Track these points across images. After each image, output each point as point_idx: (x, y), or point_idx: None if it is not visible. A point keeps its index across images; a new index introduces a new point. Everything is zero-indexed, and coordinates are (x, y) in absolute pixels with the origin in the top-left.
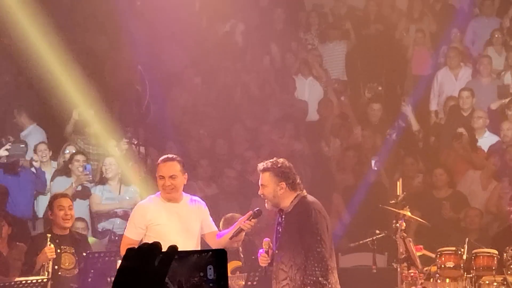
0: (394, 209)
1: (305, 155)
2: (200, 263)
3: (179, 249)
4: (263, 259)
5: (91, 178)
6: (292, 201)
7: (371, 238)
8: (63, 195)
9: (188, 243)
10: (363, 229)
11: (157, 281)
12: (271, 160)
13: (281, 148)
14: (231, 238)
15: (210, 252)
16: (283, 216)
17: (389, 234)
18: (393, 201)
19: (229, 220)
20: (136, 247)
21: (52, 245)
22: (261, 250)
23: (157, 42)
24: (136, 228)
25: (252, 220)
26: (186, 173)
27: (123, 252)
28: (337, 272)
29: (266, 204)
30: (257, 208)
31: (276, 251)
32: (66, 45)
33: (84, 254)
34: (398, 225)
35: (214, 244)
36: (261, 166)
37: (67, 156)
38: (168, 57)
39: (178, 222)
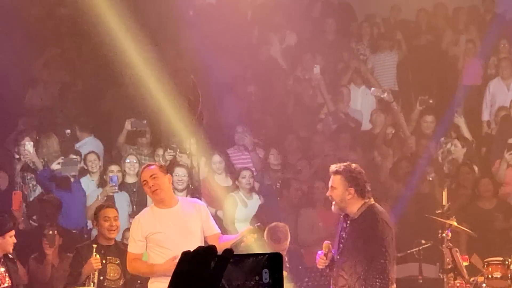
0: (441, 219)
1: (360, 165)
2: (255, 267)
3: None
4: (321, 261)
5: (117, 190)
6: (359, 208)
7: (417, 248)
8: (109, 206)
9: (191, 247)
10: (409, 239)
11: (213, 285)
12: (344, 163)
13: (335, 158)
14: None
15: (266, 256)
16: (348, 222)
17: (436, 244)
18: (439, 211)
19: (272, 230)
20: (191, 250)
21: (97, 256)
22: (320, 252)
23: (210, 51)
24: (136, 242)
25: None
26: (169, 174)
27: (129, 268)
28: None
29: (332, 207)
30: (258, 223)
31: (338, 257)
32: (117, 56)
33: None
34: (444, 235)
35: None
36: (333, 168)
37: (127, 165)
38: (220, 66)
39: (175, 227)
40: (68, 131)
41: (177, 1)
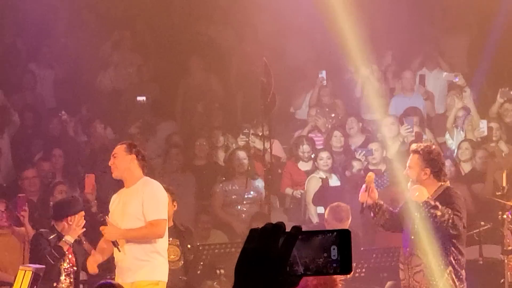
0: (501, 200)
1: None
2: (324, 244)
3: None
4: (363, 195)
5: None
6: (436, 190)
7: (477, 230)
8: (166, 189)
9: (125, 227)
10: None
11: (281, 262)
12: (425, 143)
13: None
14: None
15: (335, 233)
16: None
17: (496, 226)
18: (499, 193)
19: (334, 209)
20: (259, 227)
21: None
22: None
23: (282, 35)
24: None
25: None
26: (133, 155)
27: None
28: None
29: (409, 184)
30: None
31: (412, 237)
32: (190, 37)
33: (189, 246)
34: (505, 216)
35: None
36: (413, 146)
37: (197, 147)
38: (293, 50)
39: (118, 207)
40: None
41: None
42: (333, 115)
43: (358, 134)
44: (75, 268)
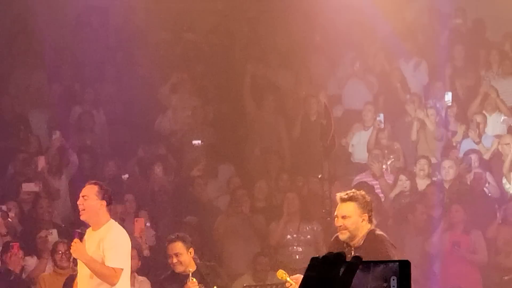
0: None
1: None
2: (384, 274)
3: None
4: None
5: None
6: (363, 235)
7: None
8: (180, 238)
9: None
10: None
11: None
12: (352, 190)
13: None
14: None
15: (396, 263)
16: (353, 250)
17: None
18: None
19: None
20: (320, 256)
21: (194, 279)
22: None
23: (339, 78)
24: None
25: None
26: (104, 201)
27: None
28: None
29: (340, 235)
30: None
31: None
32: (248, 80)
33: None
34: None
35: None
36: (343, 195)
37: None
38: (350, 93)
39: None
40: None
41: (305, 26)
42: (392, 157)
43: (426, 177)
44: None
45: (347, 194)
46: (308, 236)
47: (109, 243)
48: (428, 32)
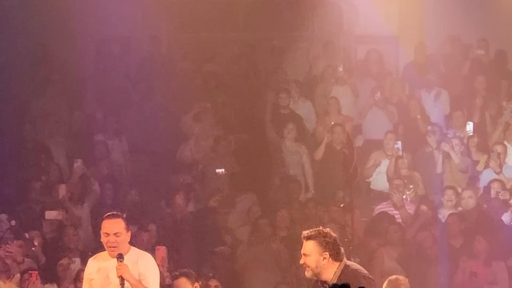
0: None
1: None
2: None
3: None
4: None
5: None
6: (335, 272)
7: None
8: (185, 274)
9: None
10: None
11: None
12: (316, 228)
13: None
14: None
15: None
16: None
17: None
18: None
19: (393, 282)
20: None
21: None
22: None
23: (360, 107)
24: (84, 285)
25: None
26: (129, 232)
27: None
28: None
29: (306, 272)
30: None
31: None
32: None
33: None
34: None
35: None
36: (305, 233)
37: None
38: (371, 123)
39: (108, 278)
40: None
41: (327, 55)
42: (411, 186)
43: (452, 208)
44: None
45: (308, 232)
46: None
47: (146, 267)
48: (450, 62)
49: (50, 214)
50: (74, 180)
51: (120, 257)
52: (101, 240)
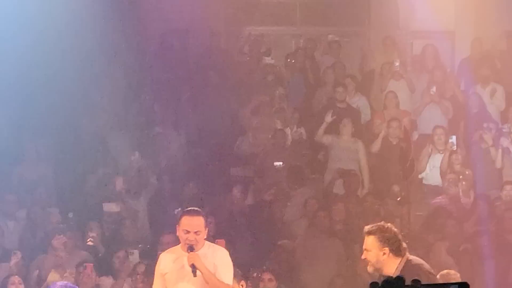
0: None
1: None
2: None
3: None
4: None
5: None
6: (397, 267)
7: None
8: None
9: None
10: None
11: None
12: (377, 223)
13: None
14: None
15: (456, 286)
16: None
17: None
18: None
19: (444, 276)
20: (377, 282)
21: None
22: None
23: (415, 102)
24: (157, 279)
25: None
26: (207, 228)
27: None
28: None
29: (368, 267)
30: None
31: None
32: (327, 102)
33: None
34: None
35: None
36: (366, 228)
37: None
38: (426, 118)
39: (180, 270)
40: None
41: (383, 50)
42: (464, 183)
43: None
44: None
45: (369, 228)
46: None
47: (220, 260)
48: (506, 58)
49: (108, 207)
50: (131, 173)
51: (190, 248)
52: (178, 234)
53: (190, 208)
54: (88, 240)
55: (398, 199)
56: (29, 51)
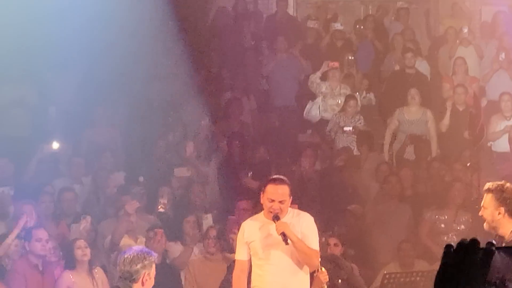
0: None
1: None
2: None
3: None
4: None
5: None
6: None
7: None
8: None
9: (281, 258)
10: None
11: (481, 275)
12: (498, 182)
13: None
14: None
15: None
16: (503, 245)
17: None
18: None
19: None
20: (453, 244)
21: (323, 269)
22: None
23: (484, 68)
24: (241, 248)
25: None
26: (291, 197)
27: (234, 278)
28: None
29: (484, 225)
30: (275, 214)
31: None
32: (395, 68)
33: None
34: None
35: None
36: (487, 185)
37: None
38: (494, 84)
39: (267, 238)
40: None
41: (452, 17)
42: None
43: None
44: None
45: (489, 185)
46: (462, 226)
47: (307, 226)
48: None
49: (180, 171)
50: (201, 138)
51: (276, 217)
52: (262, 202)
53: (275, 176)
54: (159, 206)
55: (468, 164)
56: (100, 16)
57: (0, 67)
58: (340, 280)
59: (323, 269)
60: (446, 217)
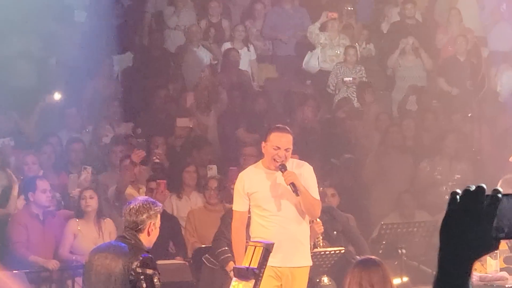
0: None
1: None
2: None
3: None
4: None
5: None
6: None
7: None
8: None
9: (289, 208)
10: None
11: (487, 221)
12: None
13: None
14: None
15: None
16: None
17: None
18: None
19: (508, 181)
20: (459, 190)
21: (319, 220)
22: None
23: (484, 19)
24: (240, 199)
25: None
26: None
27: (234, 230)
28: None
29: None
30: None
31: None
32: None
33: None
34: None
35: None
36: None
37: None
38: (496, 35)
39: (273, 188)
40: None
41: None
42: None
43: None
44: None
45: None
46: (458, 176)
47: (308, 176)
48: None
49: (181, 122)
50: (201, 88)
51: (283, 167)
52: (264, 151)
53: (279, 125)
54: (154, 157)
55: (469, 115)
56: None
57: (4, 19)
58: (335, 232)
59: (318, 219)
60: (441, 168)
